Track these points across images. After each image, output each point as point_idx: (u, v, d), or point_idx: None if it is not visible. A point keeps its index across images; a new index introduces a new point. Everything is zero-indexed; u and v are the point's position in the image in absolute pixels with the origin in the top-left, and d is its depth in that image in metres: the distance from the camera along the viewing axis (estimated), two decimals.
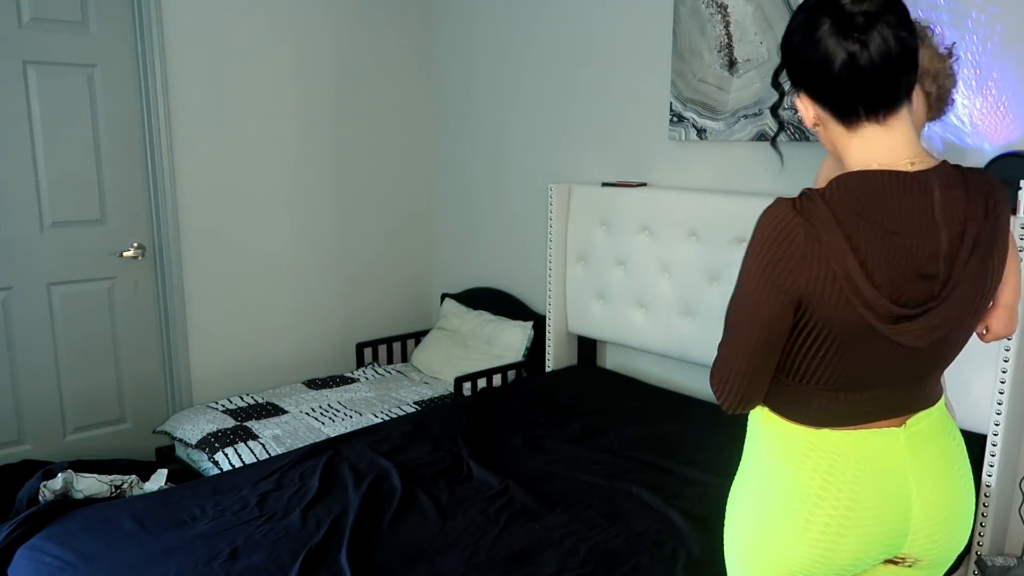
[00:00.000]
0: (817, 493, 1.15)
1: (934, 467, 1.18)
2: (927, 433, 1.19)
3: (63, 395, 3.00)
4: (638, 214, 2.81)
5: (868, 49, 1.03)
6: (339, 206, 3.61)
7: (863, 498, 1.14)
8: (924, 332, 1.08)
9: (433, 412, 2.75)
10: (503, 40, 3.44)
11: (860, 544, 1.15)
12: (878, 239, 1.05)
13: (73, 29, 2.85)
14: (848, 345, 1.11)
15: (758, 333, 1.13)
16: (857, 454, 1.15)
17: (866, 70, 1.04)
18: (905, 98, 1.09)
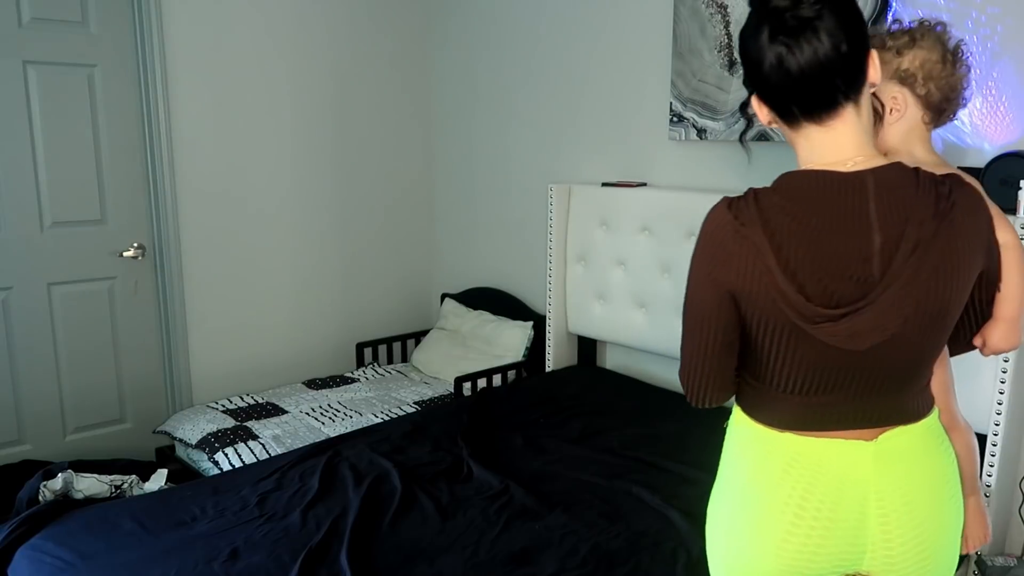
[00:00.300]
0: (771, 491, 1.15)
1: (906, 488, 1.13)
2: (903, 451, 1.14)
3: (63, 395, 3.00)
4: (638, 214, 2.81)
5: (795, 53, 1.05)
6: (339, 206, 3.61)
7: (811, 505, 1.13)
8: (849, 335, 1.06)
9: (433, 412, 2.75)
10: (503, 40, 3.44)
11: (807, 548, 1.14)
12: (804, 238, 1.06)
13: (73, 29, 2.86)
14: (787, 344, 1.12)
15: (704, 328, 1.15)
16: (816, 460, 1.13)
17: (794, 74, 1.06)
18: (847, 101, 1.08)
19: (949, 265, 1.06)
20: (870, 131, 1.12)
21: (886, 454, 1.13)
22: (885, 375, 1.12)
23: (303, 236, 3.51)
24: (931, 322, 1.09)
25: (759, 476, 1.17)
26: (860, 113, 1.10)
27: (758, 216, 1.08)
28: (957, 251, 1.06)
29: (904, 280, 1.05)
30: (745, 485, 1.19)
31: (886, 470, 1.13)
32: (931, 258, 1.05)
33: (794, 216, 1.07)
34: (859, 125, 1.10)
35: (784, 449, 1.15)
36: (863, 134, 1.10)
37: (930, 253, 1.05)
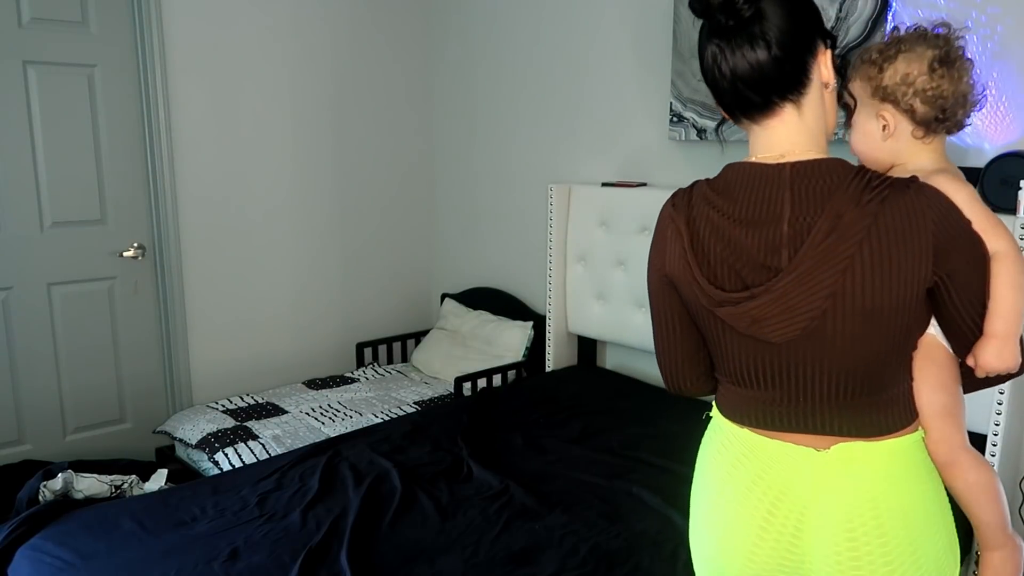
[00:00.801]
0: (722, 481, 1.17)
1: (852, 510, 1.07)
2: (855, 467, 1.09)
3: (63, 395, 3.00)
4: (638, 214, 2.81)
5: (727, 56, 1.06)
6: (339, 206, 3.61)
7: (752, 500, 1.13)
8: (751, 320, 1.07)
9: (433, 412, 2.75)
10: (503, 40, 3.44)
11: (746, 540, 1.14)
12: (720, 226, 1.10)
13: (73, 29, 2.86)
14: (714, 330, 1.15)
15: (658, 314, 1.23)
16: (764, 459, 1.13)
17: (728, 76, 1.07)
18: (783, 101, 1.08)
19: (873, 262, 1.02)
20: (814, 128, 1.11)
21: (834, 466, 1.09)
22: (827, 379, 1.09)
23: (303, 236, 3.51)
24: (863, 323, 1.05)
25: (713, 463, 1.20)
26: (802, 112, 1.09)
27: (686, 205, 1.15)
28: (883, 249, 1.02)
29: (806, 269, 1.04)
30: (704, 471, 1.22)
31: (831, 484, 1.09)
32: (844, 250, 1.02)
33: (714, 205, 1.11)
34: (799, 123, 1.09)
35: (740, 443, 1.16)
36: (802, 132, 1.10)
37: (843, 245, 1.02)
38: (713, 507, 1.18)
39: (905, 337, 1.09)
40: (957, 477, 1.17)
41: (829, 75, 1.11)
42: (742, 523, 1.14)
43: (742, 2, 1.03)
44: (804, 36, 1.07)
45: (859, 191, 1.03)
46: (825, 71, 1.10)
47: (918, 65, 1.28)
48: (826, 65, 1.10)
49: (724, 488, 1.16)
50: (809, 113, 1.10)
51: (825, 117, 1.13)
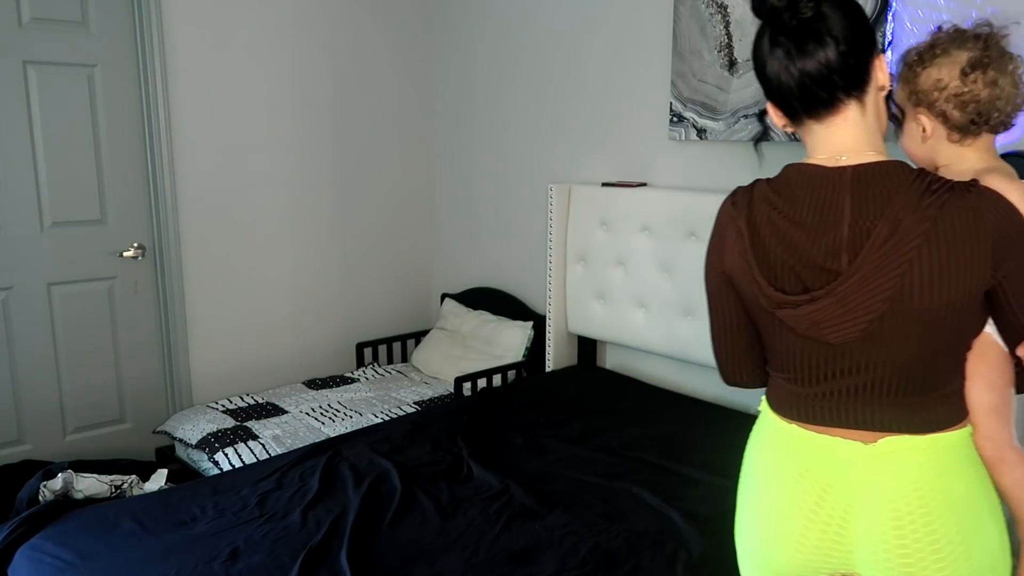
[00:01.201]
0: (769, 475, 1.19)
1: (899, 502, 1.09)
2: (901, 461, 1.10)
3: (63, 395, 3.00)
4: (638, 214, 2.81)
5: (794, 54, 1.10)
6: (339, 206, 3.61)
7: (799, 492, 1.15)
8: (810, 323, 1.10)
9: (433, 412, 2.75)
10: (503, 39, 3.44)
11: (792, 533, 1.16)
12: (779, 227, 1.12)
13: (73, 29, 2.85)
14: (771, 328, 1.18)
15: (715, 309, 1.28)
16: (812, 454, 1.15)
17: (794, 74, 1.11)
18: (848, 98, 1.11)
19: (932, 266, 1.03)
20: (874, 128, 1.13)
21: (881, 459, 1.11)
22: (880, 377, 1.11)
23: (303, 236, 3.51)
24: (919, 325, 1.07)
25: (761, 457, 1.23)
26: (864, 110, 1.12)
27: (747, 205, 1.16)
28: (942, 254, 1.03)
29: (865, 273, 1.06)
30: (752, 465, 1.25)
31: (879, 476, 1.11)
32: (903, 254, 1.04)
33: (775, 206, 1.13)
34: (861, 122, 1.12)
35: (788, 437, 1.18)
36: (863, 131, 1.12)
37: (902, 249, 1.04)
38: (760, 500, 1.20)
39: (959, 338, 1.12)
40: (1004, 474, 1.18)
41: (885, 78, 1.14)
42: (789, 515, 1.16)
43: (805, 2, 1.07)
44: (865, 35, 1.10)
45: (919, 195, 1.05)
46: (881, 74, 1.13)
47: (949, 70, 1.28)
48: (882, 68, 1.13)
49: (771, 481, 1.18)
50: (870, 112, 1.12)
51: (881, 118, 1.15)
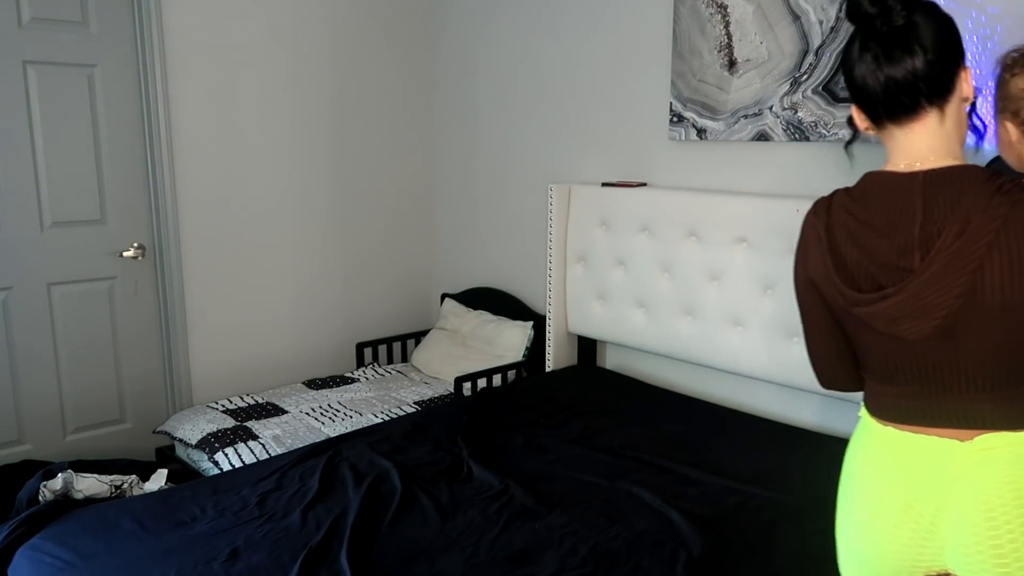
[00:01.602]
0: (863, 475, 1.24)
1: (992, 495, 1.12)
2: (999, 456, 1.13)
3: (63, 395, 3.00)
4: (638, 214, 2.81)
5: (882, 60, 1.15)
6: (339, 206, 3.61)
7: (890, 493, 1.20)
8: (887, 319, 1.17)
9: (433, 412, 2.75)
10: (503, 40, 3.44)
11: (885, 533, 1.20)
12: (856, 232, 1.20)
13: (73, 29, 2.86)
14: (855, 329, 1.24)
15: (804, 314, 1.35)
16: (906, 454, 1.19)
17: (881, 79, 1.16)
18: (930, 106, 1.16)
19: (1003, 262, 1.08)
20: (953, 137, 1.18)
21: (976, 456, 1.14)
22: (964, 373, 1.15)
23: (303, 236, 3.51)
24: (995, 320, 1.11)
25: (858, 460, 1.27)
26: (944, 120, 1.18)
27: (825, 212, 1.25)
28: (1013, 250, 1.07)
29: (937, 270, 1.12)
30: (850, 467, 1.29)
31: (972, 473, 1.14)
32: (973, 251, 1.09)
33: (851, 212, 1.21)
34: (939, 130, 1.18)
35: (883, 439, 1.23)
36: (941, 138, 1.18)
37: (972, 246, 1.09)
38: (857, 501, 1.25)
39: None
40: None
41: (970, 90, 1.19)
42: (881, 515, 1.20)
43: (898, 10, 1.14)
44: (953, 47, 1.16)
45: (989, 195, 1.10)
46: (966, 86, 1.19)
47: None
48: (967, 80, 1.19)
49: (867, 482, 1.24)
50: (950, 120, 1.18)
51: (961, 128, 1.20)
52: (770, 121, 2.52)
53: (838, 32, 2.33)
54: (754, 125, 2.57)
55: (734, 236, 2.54)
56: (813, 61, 2.39)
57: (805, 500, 1.98)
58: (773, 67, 2.50)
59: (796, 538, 1.82)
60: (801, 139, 2.45)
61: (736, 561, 1.74)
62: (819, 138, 2.40)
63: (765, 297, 2.49)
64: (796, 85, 2.44)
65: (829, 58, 2.36)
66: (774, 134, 2.51)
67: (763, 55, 2.52)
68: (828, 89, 2.37)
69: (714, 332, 2.63)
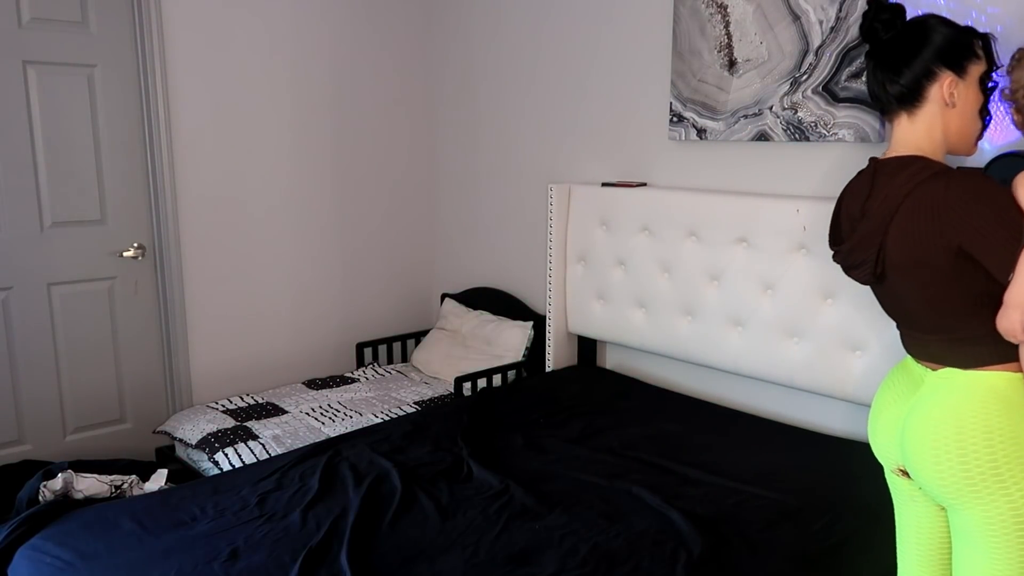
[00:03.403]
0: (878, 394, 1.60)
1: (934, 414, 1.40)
2: (946, 386, 1.41)
3: (63, 395, 3.00)
4: (638, 214, 2.81)
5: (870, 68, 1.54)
6: (339, 206, 3.61)
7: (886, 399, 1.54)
8: (845, 265, 1.58)
9: (433, 412, 2.75)
10: (503, 40, 3.44)
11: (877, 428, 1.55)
12: (845, 198, 1.61)
13: (73, 29, 2.86)
14: None
15: None
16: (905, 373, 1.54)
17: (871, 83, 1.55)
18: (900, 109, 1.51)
19: (897, 231, 1.43)
20: (919, 132, 1.48)
21: (936, 385, 1.43)
22: (912, 316, 1.49)
23: (303, 236, 3.51)
24: (905, 274, 1.45)
25: (885, 379, 1.61)
26: (914, 120, 1.49)
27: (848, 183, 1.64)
28: (907, 219, 1.41)
29: (863, 232, 1.50)
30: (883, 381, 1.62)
31: (931, 397, 1.42)
32: (883, 220, 1.45)
33: (850, 184, 1.61)
34: (909, 127, 1.50)
35: (901, 364, 1.58)
36: (910, 134, 1.50)
37: (881, 216, 1.45)
38: (875, 402, 1.59)
39: (947, 284, 1.39)
40: None
41: (950, 95, 1.46)
42: (883, 411, 1.54)
43: (880, 31, 1.49)
44: (923, 65, 1.46)
45: (907, 178, 1.42)
46: (944, 92, 1.46)
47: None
48: (945, 87, 1.46)
49: (883, 390, 1.58)
50: (921, 122, 1.49)
51: (943, 128, 1.48)
52: (770, 121, 2.52)
53: (838, 32, 2.33)
54: (754, 125, 2.57)
55: (734, 236, 2.54)
56: (813, 61, 2.39)
57: (805, 500, 1.98)
58: (773, 67, 2.50)
59: (796, 538, 1.82)
60: (801, 139, 2.45)
61: (736, 561, 1.74)
62: (819, 138, 2.40)
63: (765, 297, 2.49)
64: (796, 85, 2.44)
65: (829, 58, 2.36)
66: (774, 134, 2.51)
67: (763, 55, 2.52)
68: (828, 89, 2.37)
69: (714, 332, 2.63)
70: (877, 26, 1.48)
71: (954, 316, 1.41)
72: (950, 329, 1.42)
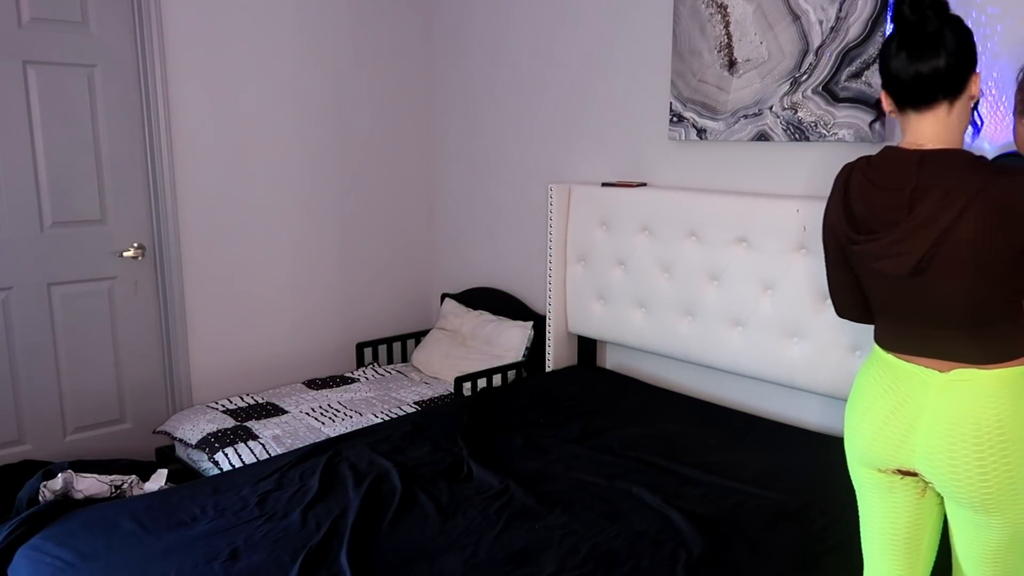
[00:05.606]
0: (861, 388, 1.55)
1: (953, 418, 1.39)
2: (966, 388, 1.39)
3: (63, 395, 3.00)
4: (638, 214, 2.81)
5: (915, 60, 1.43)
6: (339, 206, 3.61)
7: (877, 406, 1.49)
8: (875, 256, 1.47)
9: (433, 412, 2.75)
10: (503, 40, 3.44)
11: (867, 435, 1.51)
12: (864, 189, 1.52)
13: (73, 29, 2.86)
14: (860, 266, 1.54)
15: (826, 254, 1.66)
16: (896, 376, 1.48)
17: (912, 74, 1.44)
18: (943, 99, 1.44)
19: (975, 225, 1.36)
20: (955, 127, 1.45)
21: (951, 385, 1.41)
22: (939, 311, 1.43)
23: (303, 235, 3.51)
24: (966, 270, 1.38)
25: (862, 375, 1.57)
26: (951, 112, 1.45)
27: (849, 172, 1.57)
28: (981, 215, 1.34)
29: (917, 223, 1.41)
30: (855, 380, 1.60)
31: (945, 399, 1.41)
32: (948, 212, 1.37)
33: (865, 174, 1.52)
34: (945, 120, 1.45)
35: (883, 363, 1.52)
36: (945, 126, 1.45)
37: (948, 209, 1.37)
38: (856, 405, 1.55)
39: (1001, 283, 1.39)
40: None
41: (976, 91, 1.46)
42: (870, 417, 1.50)
43: (931, 19, 1.41)
44: (969, 55, 1.43)
45: (969, 172, 1.38)
46: (975, 87, 1.45)
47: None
48: (976, 83, 1.45)
49: (864, 392, 1.54)
50: (955, 114, 1.45)
51: (966, 122, 1.48)
52: (770, 121, 2.52)
53: (838, 32, 2.33)
54: (754, 125, 2.57)
55: (734, 236, 2.54)
56: (813, 61, 2.39)
57: (805, 500, 1.98)
58: (773, 67, 2.50)
59: (796, 538, 1.82)
60: (801, 139, 2.45)
61: (736, 561, 1.74)
62: (819, 138, 2.40)
63: (765, 297, 2.49)
64: (796, 85, 2.44)
65: (829, 58, 2.36)
66: (774, 134, 2.51)
67: (763, 55, 2.52)
68: (828, 89, 2.37)
69: (714, 332, 2.63)
70: (929, 14, 1.42)
71: (991, 314, 1.41)
72: (981, 326, 1.41)
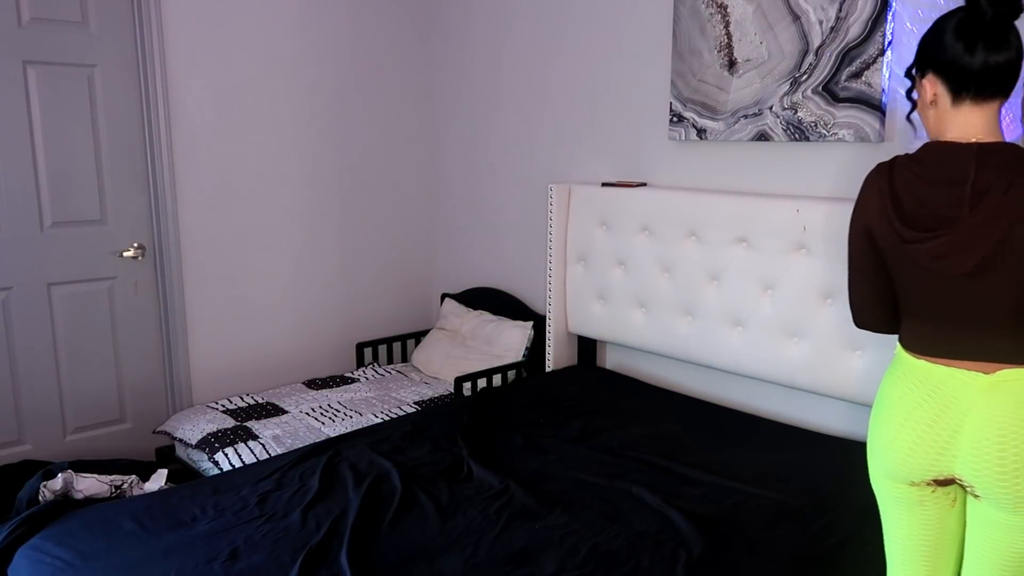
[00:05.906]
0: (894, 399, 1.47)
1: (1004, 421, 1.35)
2: (1013, 388, 1.36)
3: (63, 395, 3.00)
4: (638, 214, 2.81)
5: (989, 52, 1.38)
6: (339, 206, 3.61)
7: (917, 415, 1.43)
8: (934, 255, 1.40)
9: (433, 412, 2.75)
10: (503, 40, 3.44)
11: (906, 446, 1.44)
12: (914, 185, 1.45)
13: (73, 29, 2.86)
14: (899, 266, 1.48)
15: (853, 260, 1.60)
16: (935, 381, 1.42)
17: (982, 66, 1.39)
18: (999, 96, 1.42)
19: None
20: (995, 121, 1.44)
21: (997, 387, 1.36)
22: (990, 311, 1.38)
23: (303, 236, 3.51)
24: (1020, 266, 1.34)
25: (891, 386, 1.50)
26: (999, 107, 1.44)
27: (888, 171, 1.50)
28: None
29: (982, 219, 1.36)
30: (884, 391, 1.52)
31: (992, 401, 1.36)
32: (1015, 206, 1.33)
33: (912, 170, 1.46)
34: (993, 114, 1.44)
35: (916, 369, 1.46)
36: (992, 121, 1.44)
37: (1015, 202, 1.33)
38: (888, 416, 1.48)
39: None
40: None
41: None
42: (908, 428, 1.44)
43: (1011, 12, 1.38)
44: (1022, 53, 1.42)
45: None
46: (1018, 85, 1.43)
47: None
48: None
49: (898, 402, 1.47)
50: (1000, 110, 1.44)
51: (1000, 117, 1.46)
52: (770, 121, 2.52)
53: (838, 32, 2.33)
54: (754, 125, 2.57)
55: (734, 236, 2.54)
56: (813, 61, 2.39)
57: (805, 500, 1.98)
58: (773, 67, 2.50)
59: (796, 538, 1.82)
60: (801, 139, 2.45)
61: (736, 561, 1.74)
62: (819, 138, 2.40)
63: (765, 297, 2.49)
64: (796, 85, 2.44)
65: (829, 58, 2.35)
66: (774, 134, 2.51)
67: (763, 55, 2.52)
68: (828, 89, 2.37)
69: (714, 332, 2.63)
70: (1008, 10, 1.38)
71: None
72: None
